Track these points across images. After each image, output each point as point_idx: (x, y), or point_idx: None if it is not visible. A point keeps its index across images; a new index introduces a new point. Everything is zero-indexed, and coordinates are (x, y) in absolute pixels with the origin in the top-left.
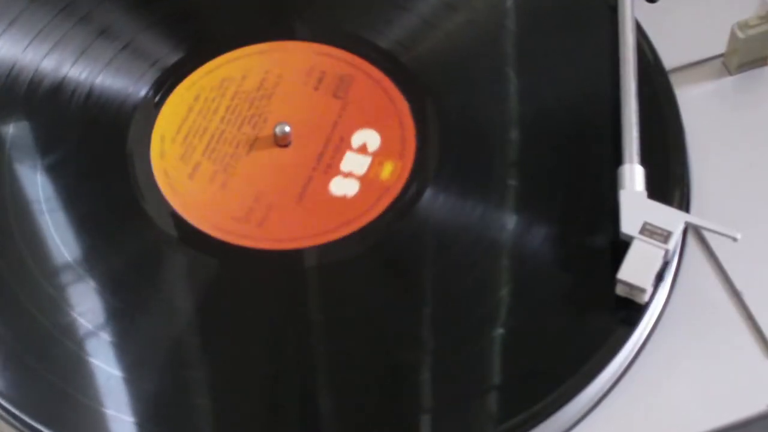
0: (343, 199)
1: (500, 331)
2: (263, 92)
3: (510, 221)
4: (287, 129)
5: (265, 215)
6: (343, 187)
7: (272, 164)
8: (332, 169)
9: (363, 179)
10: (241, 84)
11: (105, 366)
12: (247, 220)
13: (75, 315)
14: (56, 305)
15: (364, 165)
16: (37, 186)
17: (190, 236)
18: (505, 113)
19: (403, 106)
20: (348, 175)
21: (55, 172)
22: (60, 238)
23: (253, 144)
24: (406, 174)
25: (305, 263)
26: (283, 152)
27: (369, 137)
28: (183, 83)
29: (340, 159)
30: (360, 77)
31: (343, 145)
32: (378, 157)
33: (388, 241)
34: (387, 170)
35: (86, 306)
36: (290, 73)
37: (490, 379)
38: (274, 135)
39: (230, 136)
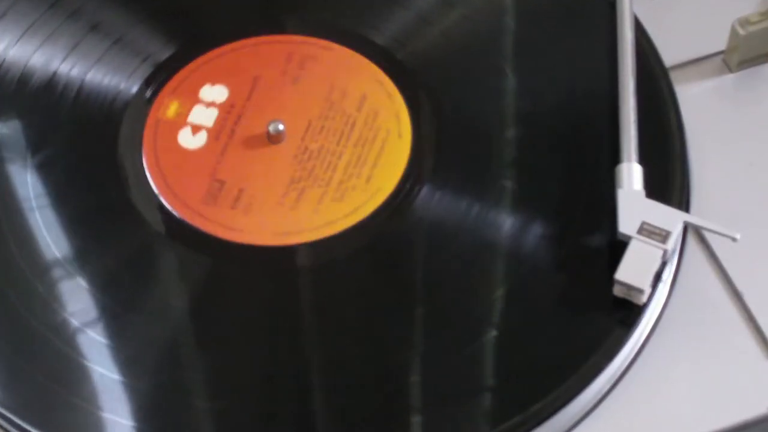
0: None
1: (496, 332)
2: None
3: (506, 220)
4: (281, 127)
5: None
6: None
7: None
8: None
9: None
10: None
11: (97, 367)
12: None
13: (66, 315)
14: (47, 305)
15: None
16: (27, 184)
17: (183, 234)
18: (502, 110)
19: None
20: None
21: (45, 169)
22: (51, 236)
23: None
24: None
25: (298, 262)
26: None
27: None
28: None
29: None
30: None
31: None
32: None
33: (383, 240)
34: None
35: (78, 306)
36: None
37: (486, 380)
38: (268, 132)
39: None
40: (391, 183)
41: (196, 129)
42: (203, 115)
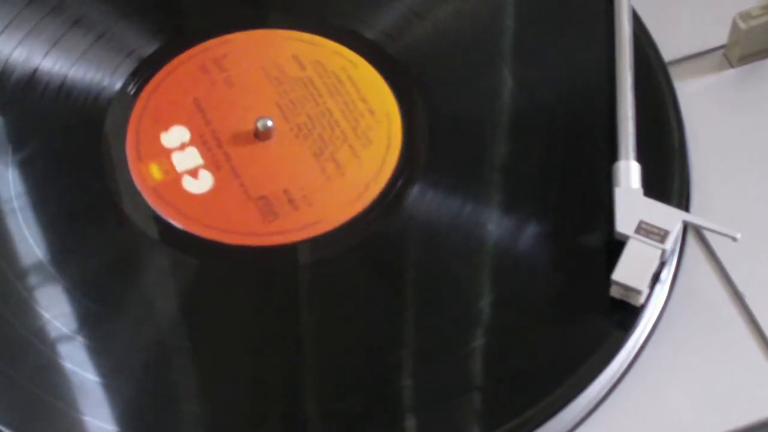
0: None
1: (490, 334)
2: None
3: (501, 219)
4: (269, 123)
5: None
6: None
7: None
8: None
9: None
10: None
11: (81, 371)
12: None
13: (49, 317)
14: (29, 307)
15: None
16: (8, 183)
17: (169, 235)
18: (496, 107)
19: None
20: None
21: (26, 168)
22: (32, 237)
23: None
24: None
25: (286, 261)
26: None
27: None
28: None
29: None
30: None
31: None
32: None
33: (373, 239)
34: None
35: (60, 308)
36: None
37: (479, 384)
38: (256, 129)
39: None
40: (390, 104)
41: (193, 173)
42: (188, 158)
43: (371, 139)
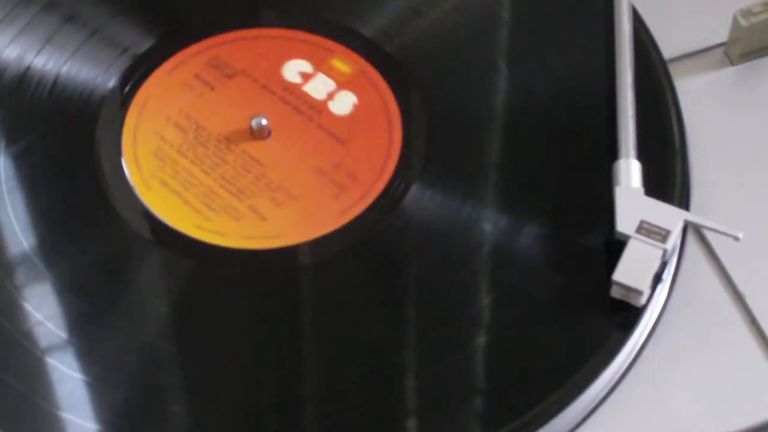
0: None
1: (489, 335)
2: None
3: (500, 219)
4: (264, 122)
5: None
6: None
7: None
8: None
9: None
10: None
11: (72, 372)
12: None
13: (40, 317)
14: (18, 307)
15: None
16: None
17: (162, 234)
18: (495, 105)
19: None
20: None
21: (17, 166)
22: (24, 236)
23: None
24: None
25: (283, 263)
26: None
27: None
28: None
29: None
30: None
31: None
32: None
33: (372, 239)
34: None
35: (51, 309)
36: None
37: (478, 385)
38: (251, 128)
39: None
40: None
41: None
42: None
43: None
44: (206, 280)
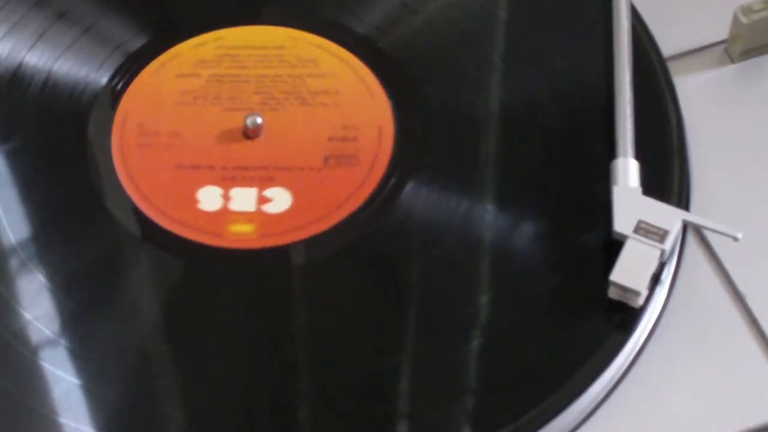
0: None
1: (485, 336)
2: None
3: (496, 218)
4: (259, 120)
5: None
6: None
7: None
8: None
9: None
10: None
11: (63, 374)
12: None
13: (30, 318)
14: (9, 307)
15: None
16: None
17: (154, 234)
18: (490, 103)
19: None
20: None
21: (9, 164)
22: (14, 234)
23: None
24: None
25: (276, 263)
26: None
27: None
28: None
29: None
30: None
31: None
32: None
33: (365, 238)
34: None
35: (42, 309)
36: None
37: (474, 388)
38: (245, 126)
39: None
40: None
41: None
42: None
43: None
44: (198, 280)
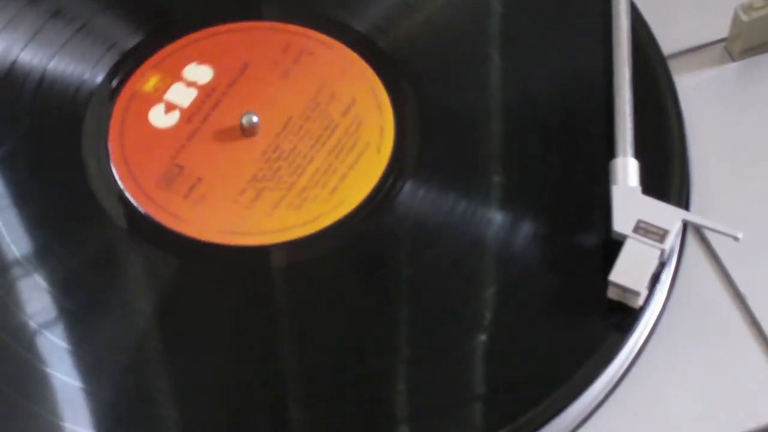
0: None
1: (483, 337)
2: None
3: (495, 218)
4: (255, 119)
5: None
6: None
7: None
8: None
9: None
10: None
11: (58, 373)
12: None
13: (26, 318)
14: (4, 307)
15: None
16: None
17: (151, 233)
18: (490, 102)
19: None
20: None
21: (4, 164)
22: (9, 235)
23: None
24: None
25: (273, 262)
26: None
27: None
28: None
29: None
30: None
31: None
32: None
33: (364, 238)
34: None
35: (37, 308)
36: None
37: (472, 388)
38: (241, 124)
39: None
40: (356, 198)
41: (170, 107)
42: (181, 94)
43: (302, 207)
44: (194, 279)
